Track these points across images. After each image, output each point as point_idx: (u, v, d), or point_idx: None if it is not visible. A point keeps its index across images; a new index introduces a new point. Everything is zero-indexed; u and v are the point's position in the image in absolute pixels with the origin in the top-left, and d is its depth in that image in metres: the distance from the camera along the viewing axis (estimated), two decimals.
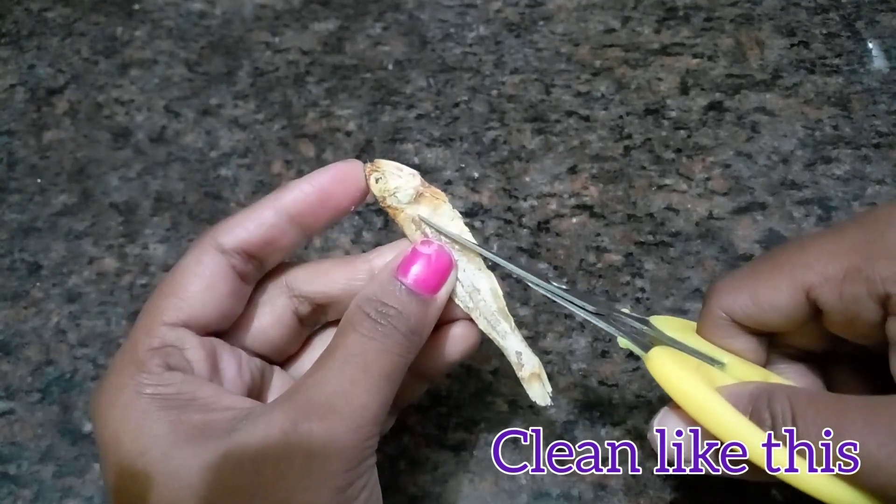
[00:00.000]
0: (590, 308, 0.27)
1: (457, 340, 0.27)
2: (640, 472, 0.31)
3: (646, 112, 0.42)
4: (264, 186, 0.41)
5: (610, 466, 0.31)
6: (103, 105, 0.46)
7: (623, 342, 0.26)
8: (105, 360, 0.36)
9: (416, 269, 0.25)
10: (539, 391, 0.26)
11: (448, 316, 0.26)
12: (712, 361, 0.25)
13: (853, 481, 0.20)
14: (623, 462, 0.31)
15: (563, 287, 0.27)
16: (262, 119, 0.44)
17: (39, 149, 0.44)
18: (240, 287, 0.25)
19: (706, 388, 0.23)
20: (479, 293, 0.26)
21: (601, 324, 0.26)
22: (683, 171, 0.40)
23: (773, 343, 0.26)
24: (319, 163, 0.42)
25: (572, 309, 0.27)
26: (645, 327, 0.26)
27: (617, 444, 0.32)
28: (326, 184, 0.25)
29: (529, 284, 0.27)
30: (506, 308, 0.26)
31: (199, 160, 0.43)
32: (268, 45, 0.48)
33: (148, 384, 0.22)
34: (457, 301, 0.26)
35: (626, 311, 0.26)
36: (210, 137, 0.44)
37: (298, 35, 0.48)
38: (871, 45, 0.44)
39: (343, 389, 0.22)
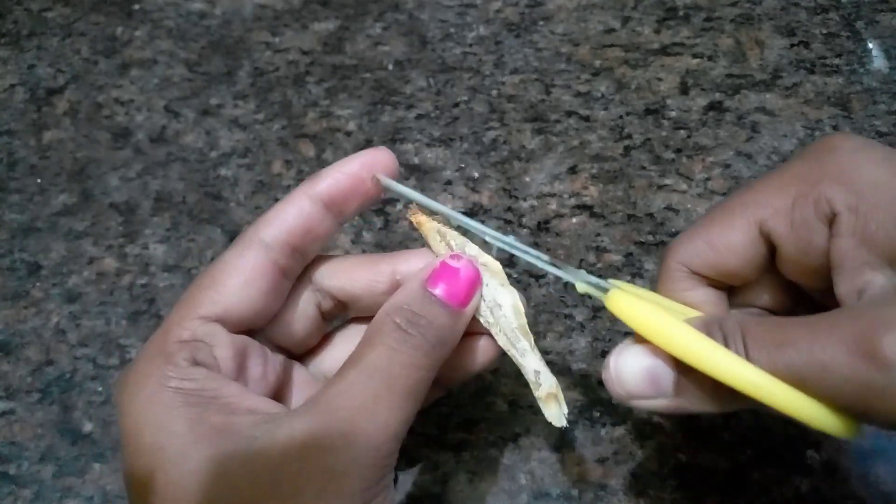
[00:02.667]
0: (544, 258, 0.27)
1: (480, 353, 0.27)
2: (640, 473, 0.31)
3: (646, 112, 0.42)
4: (264, 186, 0.41)
5: (610, 466, 0.31)
6: (103, 105, 0.46)
7: (581, 287, 0.26)
8: (105, 359, 0.36)
9: (445, 282, 0.25)
10: (555, 412, 0.26)
11: (471, 329, 0.26)
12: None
13: (807, 388, 0.20)
14: (623, 462, 0.31)
15: (518, 240, 0.27)
16: (262, 119, 0.44)
17: (39, 149, 0.44)
18: (280, 283, 0.25)
19: (671, 316, 0.23)
20: (501, 309, 0.26)
21: (558, 272, 0.26)
22: (683, 171, 0.40)
23: (733, 304, 0.26)
24: (319, 163, 0.42)
25: (530, 259, 0.27)
26: (605, 283, 0.26)
27: (617, 444, 0.32)
28: (357, 170, 0.26)
29: (487, 239, 0.27)
30: (527, 326, 0.26)
31: (199, 160, 0.43)
32: (268, 45, 0.48)
33: (172, 377, 0.22)
34: (477, 316, 0.26)
35: (584, 271, 0.26)
36: (210, 137, 0.44)
37: (298, 35, 0.48)
38: (871, 45, 0.44)
39: (366, 405, 0.22)
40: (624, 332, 0.35)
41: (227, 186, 0.42)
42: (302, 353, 0.29)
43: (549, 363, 0.34)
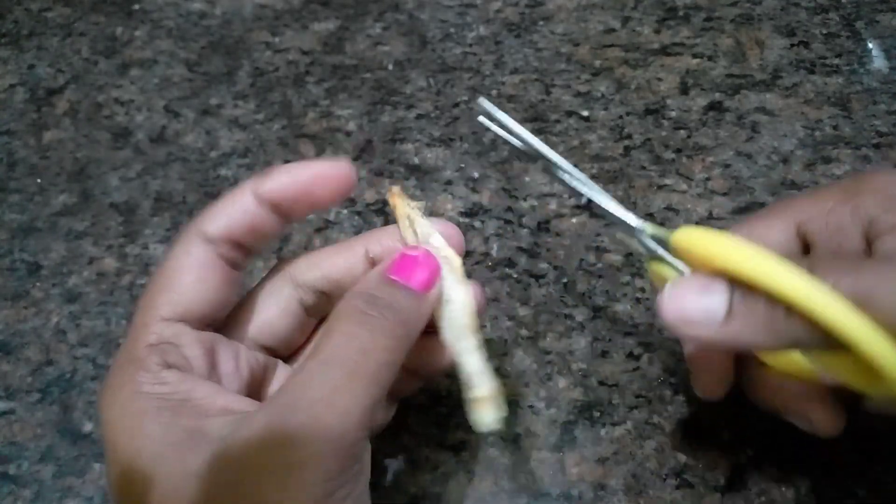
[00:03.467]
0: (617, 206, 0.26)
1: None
2: (640, 473, 0.31)
3: (646, 112, 0.42)
4: None
5: (610, 466, 0.31)
6: (103, 105, 0.46)
7: (649, 229, 0.26)
8: (105, 360, 0.36)
9: (406, 269, 0.25)
10: (484, 416, 0.25)
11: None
12: None
13: (876, 309, 0.20)
14: (623, 462, 0.31)
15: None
16: (262, 119, 0.44)
17: (39, 149, 0.44)
18: (230, 275, 0.25)
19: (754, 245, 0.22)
20: (451, 304, 0.26)
21: (623, 213, 0.26)
22: (683, 171, 0.40)
23: None
24: None
25: (598, 199, 0.26)
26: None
27: (617, 444, 0.32)
28: (307, 178, 0.26)
29: (562, 175, 0.27)
30: (475, 325, 0.26)
31: (199, 160, 0.43)
32: (268, 45, 0.48)
33: (145, 382, 0.23)
34: None
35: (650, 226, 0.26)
36: (210, 137, 0.44)
37: (298, 35, 0.48)
38: (871, 45, 0.44)
39: (325, 395, 0.21)
40: (624, 332, 0.35)
41: (227, 186, 0.42)
42: (291, 353, 0.29)
43: (549, 363, 0.34)
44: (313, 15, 0.49)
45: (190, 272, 0.24)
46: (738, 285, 0.22)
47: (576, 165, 0.27)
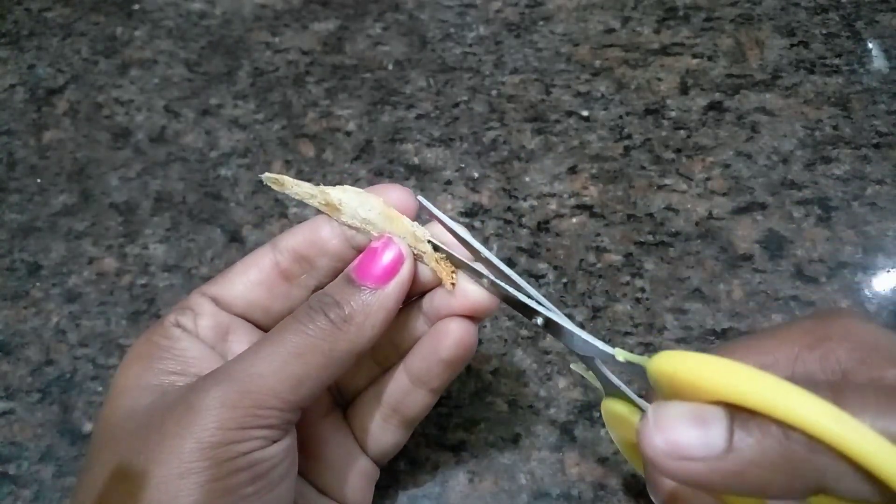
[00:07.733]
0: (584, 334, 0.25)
1: (446, 335, 0.26)
2: (639, 473, 0.31)
3: (646, 112, 0.42)
4: (264, 186, 0.41)
5: (610, 466, 0.31)
6: (103, 105, 0.46)
7: (621, 355, 0.24)
8: (105, 360, 0.36)
9: (359, 261, 0.25)
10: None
11: (438, 312, 0.27)
12: None
13: None
14: (623, 462, 0.31)
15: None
16: (262, 119, 0.44)
17: (39, 149, 0.44)
18: (274, 281, 0.27)
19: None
20: (370, 214, 0.26)
21: (593, 340, 0.25)
22: (683, 171, 0.40)
23: None
24: (319, 163, 0.42)
25: (561, 322, 0.26)
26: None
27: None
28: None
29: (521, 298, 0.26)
30: (396, 216, 0.26)
31: (199, 160, 0.43)
32: (268, 45, 0.48)
33: (154, 333, 0.26)
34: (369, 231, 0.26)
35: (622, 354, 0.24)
36: (210, 137, 0.44)
37: (298, 35, 0.48)
38: (871, 45, 0.44)
39: (244, 359, 0.23)
40: (624, 332, 0.35)
41: (227, 186, 0.42)
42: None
43: (549, 363, 0.34)
44: (313, 15, 0.49)
45: (240, 265, 0.27)
46: (741, 415, 0.19)
47: (574, 166, 0.27)
